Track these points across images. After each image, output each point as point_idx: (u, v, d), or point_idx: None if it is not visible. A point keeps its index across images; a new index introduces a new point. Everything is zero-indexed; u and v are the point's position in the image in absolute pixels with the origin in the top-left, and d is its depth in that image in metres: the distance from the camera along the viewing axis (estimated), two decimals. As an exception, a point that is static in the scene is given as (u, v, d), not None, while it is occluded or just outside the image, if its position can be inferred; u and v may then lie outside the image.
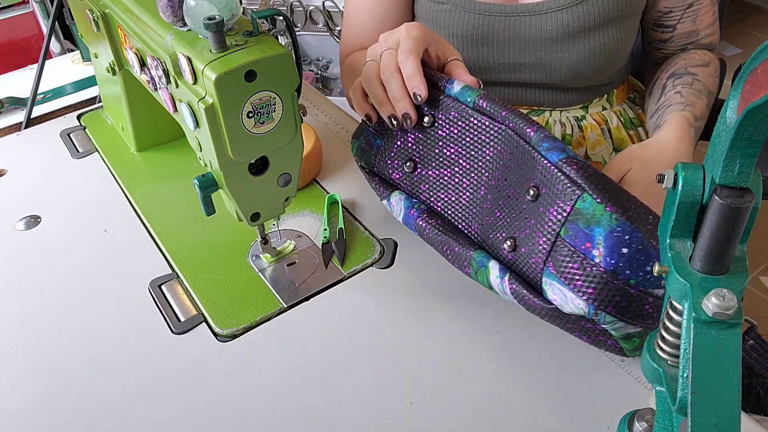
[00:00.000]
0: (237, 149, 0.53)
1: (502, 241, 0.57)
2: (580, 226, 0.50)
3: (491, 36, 0.83)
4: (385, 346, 0.59)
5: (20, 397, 0.57)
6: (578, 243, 0.50)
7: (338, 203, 0.75)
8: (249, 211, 0.61)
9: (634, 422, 0.46)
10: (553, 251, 0.52)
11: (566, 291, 0.51)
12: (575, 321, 0.53)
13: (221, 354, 0.60)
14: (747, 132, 0.31)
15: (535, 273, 0.54)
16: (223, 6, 0.50)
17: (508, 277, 0.55)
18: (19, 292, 0.67)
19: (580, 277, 0.50)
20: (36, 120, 0.95)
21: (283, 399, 0.56)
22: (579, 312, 0.51)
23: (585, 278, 0.50)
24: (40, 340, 0.62)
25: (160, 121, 0.84)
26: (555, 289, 0.52)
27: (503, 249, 0.57)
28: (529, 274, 0.54)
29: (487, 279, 0.57)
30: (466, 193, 0.62)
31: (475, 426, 0.53)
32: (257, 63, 0.50)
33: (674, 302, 0.37)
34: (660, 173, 0.37)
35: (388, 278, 0.66)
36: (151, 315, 0.64)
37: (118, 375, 0.58)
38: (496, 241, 0.58)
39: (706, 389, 0.34)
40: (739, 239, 0.34)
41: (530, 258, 0.54)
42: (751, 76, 0.30)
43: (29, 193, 0.80)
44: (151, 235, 0.73)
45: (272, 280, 0.66)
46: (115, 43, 0.72)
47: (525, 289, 0.54)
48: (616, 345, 0.54)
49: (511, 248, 0.56)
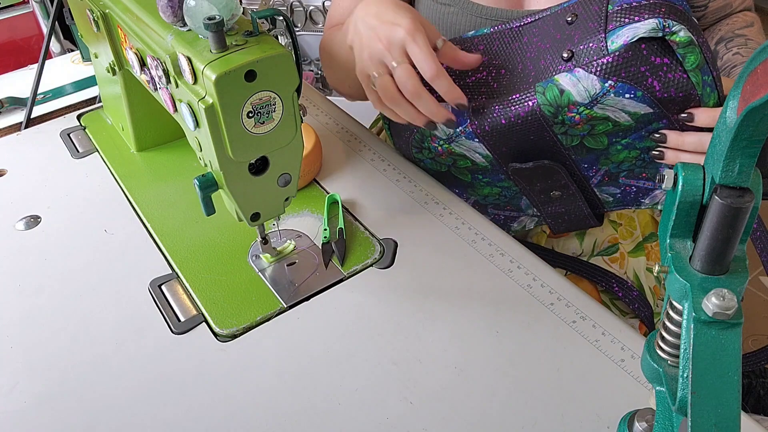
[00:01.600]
0: (237, 149, 0.53)
1: (558, 63, 0.65)
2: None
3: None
4: (385, 346, 0.59)
5: (20, 397, 0.57)
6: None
7: (338, 203, 0.75)
8: (249, 211, 0.61)
9: (634, 422, 0.46)
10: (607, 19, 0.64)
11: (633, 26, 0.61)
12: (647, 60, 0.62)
13: (221, 354, 0.60)
14: (747, 132, 0.31)
15: (599, 39, 0.63)
16: (223, 6, 0.50)
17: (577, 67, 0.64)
18: (19, 292, 0.67)
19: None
20: (36, 120, 0.95)
21: (283, 399, 0.56)
22: (652, 28, 0.61)
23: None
24: (40, 340, 0.62)
25: (160, 121, 0.84)
26: (622, 33, 0.62)
27: (562, 60, 0.65)
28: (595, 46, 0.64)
29: (557, 90, 0.64)
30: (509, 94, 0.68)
31: (474, 426, 0.53)
32: (257, 63, 0.50)
33: (674, 302, 0.37)
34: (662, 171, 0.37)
35: (388, 278, 0.66)
36: (151, 315, 0.64)
37: (118, 375, 0.58)
38: (551, 65, 0.66)
39: (706, 389, 0.34)
40: (739, 239, 0.34)
41: (590, 42, 0.63)
42: (751, 76, 0.30)
43: (29, 193, 0.80)
44: (151, 235, 0.73)
45: (272, 280, 0.66)
46: (115, 43, 0.72)
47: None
48: (684, 75, 0.62)
49: (568, 57, 0.64)
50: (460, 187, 0.80)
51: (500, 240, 0.69)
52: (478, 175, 0.77)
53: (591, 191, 0.76)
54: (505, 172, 0.75)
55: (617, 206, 0.78)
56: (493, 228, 0.71)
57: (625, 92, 0.64)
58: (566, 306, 0.62)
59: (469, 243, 0.69)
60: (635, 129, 0.68)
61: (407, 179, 0.79)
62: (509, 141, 0.70)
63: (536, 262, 0.67)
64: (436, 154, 0.75)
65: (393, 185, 0.78)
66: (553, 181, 0.73)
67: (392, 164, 0.81)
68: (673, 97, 0.64)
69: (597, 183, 0.75)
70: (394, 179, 0.79)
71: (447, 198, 0.75)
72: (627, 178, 0.74)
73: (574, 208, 0.77)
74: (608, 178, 0.74)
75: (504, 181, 0.77)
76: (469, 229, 0.71)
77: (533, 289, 0.64)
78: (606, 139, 0.69)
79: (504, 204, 0.81)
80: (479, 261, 0.67)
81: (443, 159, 0.76)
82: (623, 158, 0.72)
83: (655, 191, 0.75)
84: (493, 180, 0.77)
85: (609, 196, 0.77)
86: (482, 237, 0.70)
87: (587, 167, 0.73)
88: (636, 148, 0.71)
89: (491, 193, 0.80)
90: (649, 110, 0.66)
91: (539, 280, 0.65)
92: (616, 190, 0.76)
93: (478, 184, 0.79)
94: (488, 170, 0.76)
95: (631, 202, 0.77)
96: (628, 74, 0.63)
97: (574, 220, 0.78)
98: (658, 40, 0.62)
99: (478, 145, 0.72)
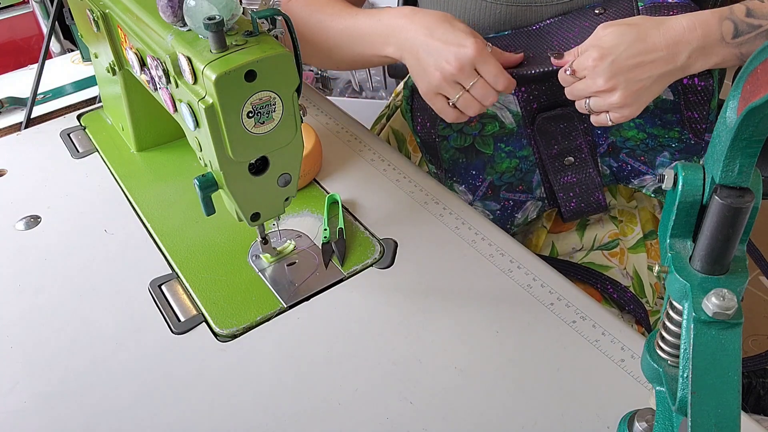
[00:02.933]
0: (237, 149, 0.53)
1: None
2: None
3: (503, 25, 0.80)
4: (385, 346, 0.59)
5: (20, 397, 0.57)
6: None
7: (338, 203, 0.75)
8: (249, 211, 0.61)
9: (634, 422, 0.46)
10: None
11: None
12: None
13: (221, 354, 0.60)
14: (747, 132, 0.31)
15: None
16: (223, 6, 0.50)
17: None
18: (19, 292, 0.67)
19: None
20: (36, 120, 0.95)
21: (283, 399, 0.56)
22: None
23: None
24: (40, 340, 0.62)
25: (160, 121, 0.84)
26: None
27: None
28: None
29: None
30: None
31: (474, 426, 0.53)
32: (257, 63, 0.50)
33: (674, 302, 0.37)
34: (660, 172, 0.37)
35: (388, 278, 0.66)
36: (151, 315, 0.64)
37: (118, 375, 0.58)
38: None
39: (706, 389, 0.34)
40: (739, 239, 0.34)
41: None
42: (751, 76, 0.30)
43: (29, 193, 0.80)
44: (151, 235, 0.73)
45: (272, 280, 0.66)
46: (115, 43, 0.72)
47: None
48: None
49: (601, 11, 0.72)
50: (479, 165, 0.82)
51: (500, 240, 0.69)
52: (501, 143, 0.81)
53: (596, 160, 0.82)
54: (527, 136, 0.80)
55: (610, 181, 0.84)
56: (493, 228, 0.71)
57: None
58: (566, 306, 0.62)
59: (469, 243, 0.69)
60: (651, 113, 0.75)
61: (407, 179, 0.79)
62: (542, 96, 0.77)
63: (536, 262, 0.67)
64: (468, 120, 0.78)
65: (393, 185, 0.78)
66: (569, 142, 0.79)
67: (392, 164, 0.81)
68: (695, 86, 0.70)
69: (602, 153, 0.81)
70: (394, 179, 0.79)
71: (447, 198, 0.75)
72: (627, 155, 0.81)
73: (585, 177, 0.81)
74: (612, 149, 0.81)
75: (524, 149, 0.82)
76: (469, 229, 0.71)
77: (533, 289, 0.64)
78: None
79: (517, 183, 0.84)
80: (479, 261, 0.67)
81: (472, 126, 0.80)
82: (630, 136, 0.78)
83: (646, 176, 0.82)
84: (514, 148, 0.82)
85: (606, 168, 0.83)
86: (482, 237, 0.70)
87: (599, 133, 0.80)
88: (645, 132, 0.77)
89: (508, 168, 0.83)
90: (670, 97, 0.72)
91: (539, 280, 0.65)
92: (614, 164, 0.82)
93: (498, 156, 0.82)
94: (513, 135, 0.81)
95: (623, 179, 0.84)
96: None
97: (584, 194, 0.83)
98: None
99: (511, 99, 0.78)
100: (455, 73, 0.68)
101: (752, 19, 0.65)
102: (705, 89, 0.72)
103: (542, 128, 0.79)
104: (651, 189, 0.83)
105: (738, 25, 0.65)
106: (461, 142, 0.81)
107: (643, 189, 0.84)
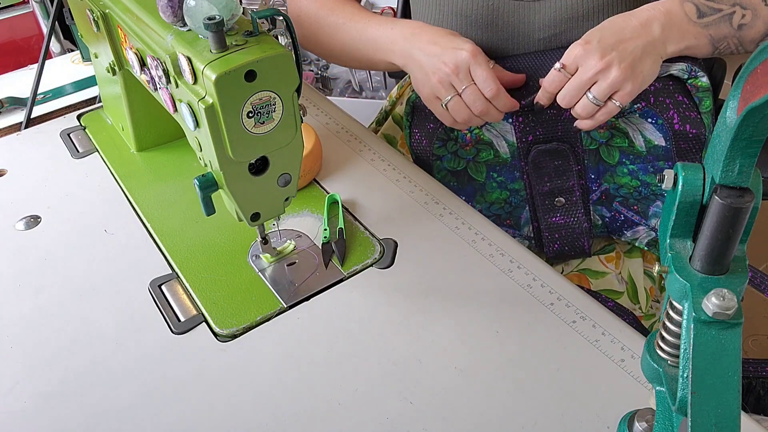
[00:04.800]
0: (237, 149, 0.53)
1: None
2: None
3: (496, 19, 0.80)
4: (385, 346, 0.59)
5: (20, 397, 0.57)
6: None
7: (338, 203, 0.75)
8: (249, 211, 0.61)
9: (634, 422, 0.46)
10: None
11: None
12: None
13: (221, 354, 0.60)
14: (747, 132, 0.31)
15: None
16: (223, 6, 0.50)
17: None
18: (19, 292, 0.67)
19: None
20: (36, 120, 0.95)
21: (283, 399, 0.56)
22: (681, 69, 0.71)
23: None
24: (40, 340, 0.62)
25: (160, 121, 0.84)
26: None
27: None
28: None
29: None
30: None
31: (474, 426, 0.53)
32: (257, 63, 0.50)
33: (674, 302, 0.37)
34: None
35: (388, 278, 0.66)
36: (151, 315, 0.64)
37: (118, 375, 0.58)
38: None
39: (706, 389, 0.34)
40: (739, 239, 0.34)
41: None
42: (751, 76, 0.30)
43: (29, 193, 0.80)
44: (151, 235, 0.73)
45: (272, 280, 0.66)
46: (115, 43, 0.72)
47: None
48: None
49: None
50: (470, 192, 0.83)
51: (500, 240, 0.69)
52: (493, 173, 0.81)
53: (587, 207, 0.81)
54: (520, 169, 0.80)
55: (602, 232, 0.84)
56: (493, 228, 0.71)
57: (648, 116, 0.73)
58: (566, 306, 0.62)
59: (469, 243, 0.69)
60: (644, 159, 0.76)
61: (407, 179, 0.79)
62: (539, 128, 0.77)
63: (536, 262, 0.67)
64: (462, 144, 0.79)
65: (393, 185, 0.78)
66: (562, 181, 0.79)
67: (392, 164, 0.81)
68: (686, 133, 0.72)
69: (595, 200, 0.81)
70: (394, 179, 0.79)
71: (447, 198, 0.75)
72: (620, 204, 0.81)
73: (573, 221, 0.81)
74: (605, 197, 0.81)
75: (516, 182, 0.81)
76: (469, 229, 0.71)
77: (533, 289, 0.64)
78: (618, 155, 0.77)
79: (505, 217, 0.84)
80: (479, 261, 0.67)
81: (466, 150, 0.80)
82: (624, 183, 0.79)
83: (639, 227, 0.81)
84: (506, 180, 0.81)
85: (599, 218, 0.83)
86: (482, 237, 0.70)
87: (593, 178, 0.79)
88: (638, 179, 0.78)
89: (498, 200, 0.83)
90: (662, 143, 0.74)
91: (539, 280, 0.65)
92: (607, 214, 0.82)
93: (490, 185, 0.82)
94: (506, 165, 0.80)
95: (615, 230, 0.83)
96: (656, 101, 0.72)
97: (569, 237, 0.82)
98: (682, 81, 0.72)
99: (508, 129, 0.78)
100: (450, 73, 0.71)
101: (712, 3, 0.70)
102: (697, 137, 0.74)
103: (536, 161, 0.78)
104: (644, 242, 0.82)
105: (699, 7, 0.70)
106: (454, 164, 0.81)
107: (636, 242, 0.83)
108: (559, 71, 0.68)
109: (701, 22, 0.70)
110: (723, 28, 0.70)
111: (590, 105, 0.68)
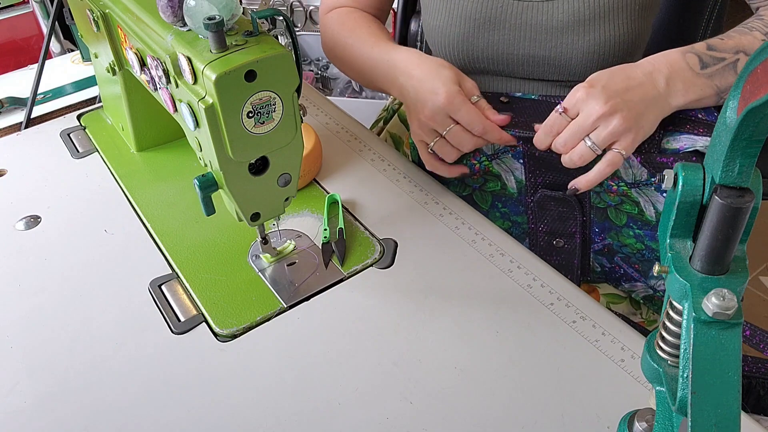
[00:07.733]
0: (237, 149, 0.53)
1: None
2: None
3: (501, 20, 0.78)
4: (384, 346, 0.59)
5: (20, 397, 0.57)
6: None
7: (338, 203, 0.75)
8: (249, 211, 0.61)
9: (634, 422, 0.46)
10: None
11: None
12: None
13: (221, 354, 0.60)
14: (747, 132, 0.31)
15: None
16: (223, 6, 0.50)
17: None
18: (19, 292, 0.67)
19: None
20: (36, 120, 0.95)
21: (283, 399, 0.56)
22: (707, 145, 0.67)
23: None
24: (40, 340, 0.62)
25: (160, 121, 0.84)
26: (680, 138, 0.70)
27: None
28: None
29: None
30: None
31: (474, 426, 0.53)
32: (257, 63, 0.50)
33: (674, 302, 0.37)
34: (661, 176, 0.37)
35: (388, 278, 0.66)
36: (151, 315, 0.64)
37: (118, 375, 0.58)
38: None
39: (706, 389, 0.34)
40: (739, 239, 0.34)
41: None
42: (751, 76, 0.30)
43: (29, 193, 0.80)
44: (151, 235, 0.73)
45: (272, 280, 0.66)
46: (115, 43, 0.72)
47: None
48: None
49: None
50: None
51: (500, 240, 0.69)
52: (498, 203, 0.80)
53: (587, 254, 0.80)
54: (526, 204, 0.78)
55: (599, 279, 0.82)
56: (493, 228, 0.71)
57: (665, 191, 0.70)
58: (566, 306, 0.62)
59: (469, 243, 0.69)
60: (653, 228, 0.73)
61: (407, 179, 0.79)
62: (548, 174, 0.74)
63: (536, 262, 0.67)
64: (470, 173, 0.77)
65: (393, 185, 0.78)
66: (564, 226, 0.77)
67: (392, 164, 0.81)
68: None
69: (596, 250, 0.79)
70: (394, 179, 0.79)
71: (447, 198, 0.75)
72: (621, 260, 0.79)
73: (567, 264, 0.80)
74: (607, 250, 0.79)
75: (519, 215, 0.80)
76: (469, 229, 0.71)
77: (533, 289, 0.64)
78: (625, 218, 0.75)
79: None
80: (479, 261, 0.67)
81: (474, 180, 0.79)
82: (628, 243, 0.77)
83: (638, 282, 0.79)
84: (510, 211, 0.80)
85: (598, 266, 0.81)
86: (482, 237, 0.70)
87: (597, 231, 0.78)
88: (643, 244, 0.76)
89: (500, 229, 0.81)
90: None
91: (539, 280, 0.65)
92: (607, 264, 0.80)
93: (493, 214, 0.81)
94: (512, 198, 0.79)
95: (613, 280, 0.81)
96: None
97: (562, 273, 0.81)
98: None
99: (518, 167, 0.76)
100: (427, 121, 0.70)
101: (714, 53, 0.68)
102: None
103: (541, 203, 0.77)
104: (641, 296, 0.80)
105: (702, 57, 0.68)
106: (460, 190, 0.80)
107: (633, 294, 0.81)
108: (560, 114, 0.65)
109: (705, 73, 0.67)
110: (728, 76, 0.68)
111: (588, 152, 0.64)
